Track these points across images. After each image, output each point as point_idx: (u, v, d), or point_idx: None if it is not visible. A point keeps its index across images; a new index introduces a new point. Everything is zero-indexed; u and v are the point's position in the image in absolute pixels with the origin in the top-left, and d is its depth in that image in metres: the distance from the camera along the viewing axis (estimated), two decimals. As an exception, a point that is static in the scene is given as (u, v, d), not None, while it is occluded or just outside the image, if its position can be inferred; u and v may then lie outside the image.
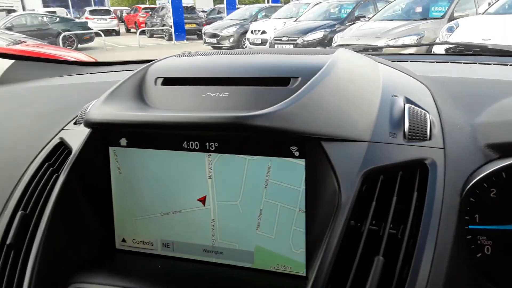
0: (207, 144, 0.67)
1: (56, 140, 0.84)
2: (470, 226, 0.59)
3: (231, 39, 11.37)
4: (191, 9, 16.96)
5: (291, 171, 0.63)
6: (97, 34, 13.16)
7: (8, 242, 0.68)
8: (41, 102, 1.06)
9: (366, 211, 0.58)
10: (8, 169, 0.83)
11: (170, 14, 14.78)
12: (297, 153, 0.62)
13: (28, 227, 0.69)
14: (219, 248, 0.70)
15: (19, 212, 0.70)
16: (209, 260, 0.70)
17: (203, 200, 0.69)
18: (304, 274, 0.65)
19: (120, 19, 22.92)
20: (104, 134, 0.72)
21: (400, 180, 0.60)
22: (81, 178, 0.72)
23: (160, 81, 0.76)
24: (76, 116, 0.90)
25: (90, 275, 0.67)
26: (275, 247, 0.66)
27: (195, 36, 15.65)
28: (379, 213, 0.58)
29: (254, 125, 0.57)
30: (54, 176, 0.75)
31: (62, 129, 0.88)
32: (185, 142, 0.68)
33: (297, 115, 0.58)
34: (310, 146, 0.60)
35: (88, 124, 0.67)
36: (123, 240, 0.75)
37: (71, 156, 0.73)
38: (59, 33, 11.90)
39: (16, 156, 0.86)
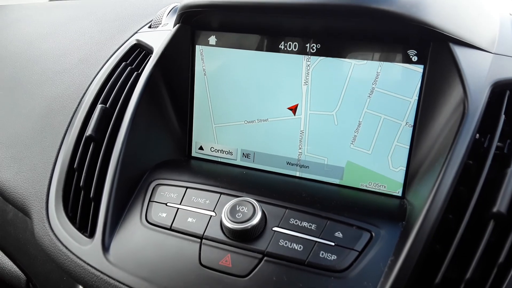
0: (307, 45, 0.61)
1: (132, 41, 0.79)
2: None
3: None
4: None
5: (403, 79, 0.57)
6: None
7: (87, 134, 0.65)
8: (108, 9, 1.02)
9: (492, 126, 0.52)
10: (80, 67, 0.80)
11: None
12: (415, 58, 0.56)
13: (109, 122, 0.66)
14: (305, 162, 0.65)
15: (99, 105, 0.67)
16: (292, 173, 0.67)
17: (294, 109, 0.65)
18: (399, 194, 0.60)
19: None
20: (192, 30, 0.67)
21: None
22: (165, 76, 0.68)
23: None
24: (151, 21, 0.85)
25: (170, 175, 0.64)
26: (369, 164, 0.62)
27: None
28: (502, 130, 0.52)
29: (378, 9, 0.50)
30: (135, 74, 0.71)
31: (136, 32, 0.84)
32: (282, 42, 0.63)
33: (431, 6, 0.52)
34: (435, 49, 0.54)
35: (184, 8, 0.62)
36: (201, 148, 0.71)
37: (155, 52, 0.68)
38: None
39: (87, 55, 0.83)
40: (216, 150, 0.71)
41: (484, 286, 0.44)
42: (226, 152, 0.70)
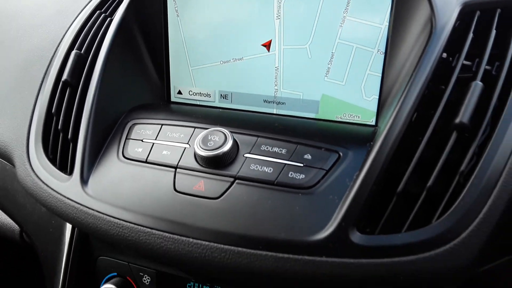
0: (278, -23, 0.61)
1: (106, -11, 0.78)
2: None
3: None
4: None
5: (374, 5, 0.57)
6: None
7: (63, 79, 0.66)
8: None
9: (460, 46, 0.52)
10: (57, 19, 0.80)
11: None
12: (383, -18, 0.56)
13: (84, 67, 0.66)
14: (281, 98, 0.66)
15: (74, 51, 0.67)
16: (269, 111, 0.67)
17: (268, 45, 0.64)
18: (373, 123, 0.61)
19: None
20: (162, -30, 0.66)
21: (498, 19, 0.54)
22: (138, 20, 0.67)
23: None
24: None
25: (147, 115, 0.65)
26: (343, 95, 0.62)
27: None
28: (471, 53, 0.52)
29: None
30: (108, 20, 0.71)
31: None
32: (253, -24, 0.62)
33: None
34: None
35: None
36: (179, 92, 0.72)
37: None
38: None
39: (64, 7, 0.82)
40: (194, 94, 0.71)
41: (444, 195, 0.45)
42: (204, 95, 0.71)
